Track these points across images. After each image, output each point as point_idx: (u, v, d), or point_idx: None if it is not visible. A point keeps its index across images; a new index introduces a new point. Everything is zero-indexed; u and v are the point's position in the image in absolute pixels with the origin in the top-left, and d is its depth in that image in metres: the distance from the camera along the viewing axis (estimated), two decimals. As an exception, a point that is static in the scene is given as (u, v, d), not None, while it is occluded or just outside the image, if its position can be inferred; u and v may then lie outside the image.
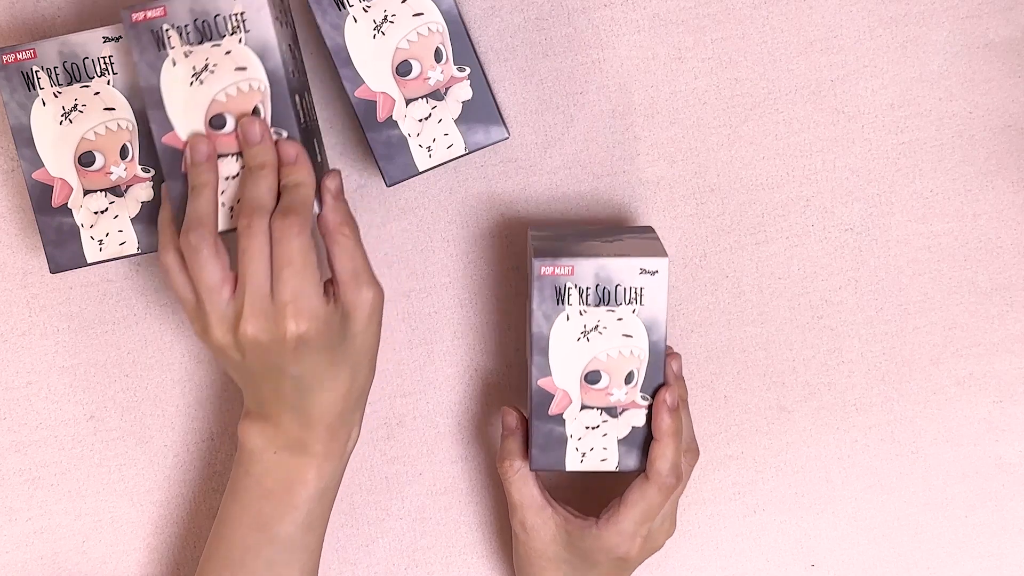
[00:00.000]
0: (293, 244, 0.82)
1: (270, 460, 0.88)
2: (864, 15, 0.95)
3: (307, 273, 0.82)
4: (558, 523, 0.91)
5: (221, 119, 0.84)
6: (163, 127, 0.84)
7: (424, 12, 0.87)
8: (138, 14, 0.83)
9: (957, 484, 1.00)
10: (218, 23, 0.83)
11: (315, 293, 0.83)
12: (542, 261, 0.86)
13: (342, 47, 0.87)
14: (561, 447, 0.89)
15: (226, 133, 0.84)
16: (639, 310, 0.87)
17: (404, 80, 0.88)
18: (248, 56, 0.84)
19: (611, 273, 0.86)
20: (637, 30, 0.94)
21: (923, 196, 0.97)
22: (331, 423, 0.87)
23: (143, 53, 0.84)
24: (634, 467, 0.89)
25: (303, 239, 0.82)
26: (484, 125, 0.89)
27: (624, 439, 0.89)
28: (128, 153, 0.88)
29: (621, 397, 0.88)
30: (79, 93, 0.88)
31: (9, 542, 0.99)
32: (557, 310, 0.87)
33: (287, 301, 0.82)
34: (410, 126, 0.88)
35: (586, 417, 0.89)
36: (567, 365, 0.88)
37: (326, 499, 0.90)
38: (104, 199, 0.89)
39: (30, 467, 0.98)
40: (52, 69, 0.87)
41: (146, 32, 0.83)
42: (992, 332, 0.99)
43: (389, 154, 0.89)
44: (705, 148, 0.96)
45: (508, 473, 0.91)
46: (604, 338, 0.87)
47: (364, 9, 0.87)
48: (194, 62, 0.84)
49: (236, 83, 0.84)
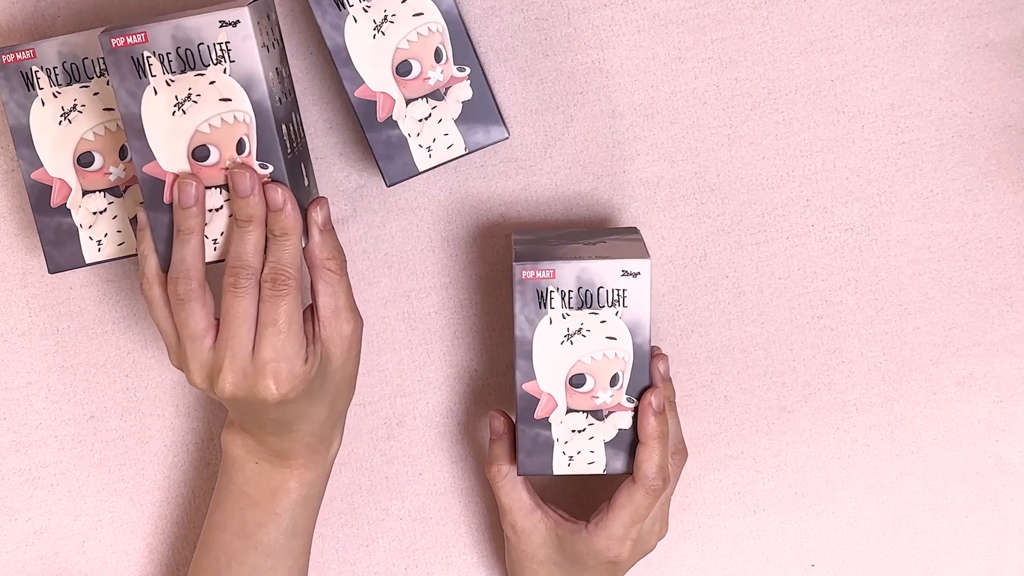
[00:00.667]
0: (279, 306, 0.82)
1: (252, 469, 0.89)
2: (864, 15, 0.95)
3: (291, 334, 0.83)
4: (548, 526, 0.91)
5: (204, 150, 0.82)
6: (144, 157, 0.83)
7: (424, 12, 0.87)
8: (117, 39, 0.81)
9: (957, 484, 1.00)
10: (201, 52, 0.81)
11: (297, 354, 0.83)
12: (523, 265, 0.86)
13: (342, 47, 0.87)
14: (548, 451, 0.89)
15: (209, 165, 0.83)
16: (622, 312, 0.87)
17: (404, 80, 0.88)
18: (233, 87, 0.82)
19: (593, 276, 0.86)
20: (637, 30, 0.94)
21: (923, 196, 0.97)
22: (311, 441, 0.88)
23: (123, 80, 0.81)
24: (621, 469, 0.89)
25: (289, 300, 0.82)
26: (484, 125, 0.89)
27: (611, 442, 0.89)
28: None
29: (607, 400, 0.88)
30: (78, 93, 0.87)
31: (9, 542, 0.99)
32: (540, 314, 0.87)
33: (267, 361, 0.82)
34: (410, 126, 0.88)
35: (572, 420, 0.88)
36: (551, 369, 0.88)
37: (310, 505, 0.91)
38: (103, 199, 0.89)
39: (30, 467, 0.98)
40: (52, 69, 0.87)
41: (126, 59, 0.81)
42: (992, 332, 0.99)
43: (389, 154, 0.89)
44: (705, 148, 0.96)
45: (496, 478, 0.91)
46: (588, 341, 0.87)
47: (364, 9, 0.86)
48: (176, 91, 0.82)
49: (220, 114, 0.82)
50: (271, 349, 0.82)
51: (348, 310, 0.86)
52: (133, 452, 0.99)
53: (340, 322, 0.85)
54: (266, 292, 0.82)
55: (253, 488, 0.89)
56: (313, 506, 0.91)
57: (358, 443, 0.98)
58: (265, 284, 0.82)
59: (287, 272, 0.82)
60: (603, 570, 0.91)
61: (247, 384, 0.83)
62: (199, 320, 0.83)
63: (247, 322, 0.82)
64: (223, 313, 0.83)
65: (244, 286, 0.82)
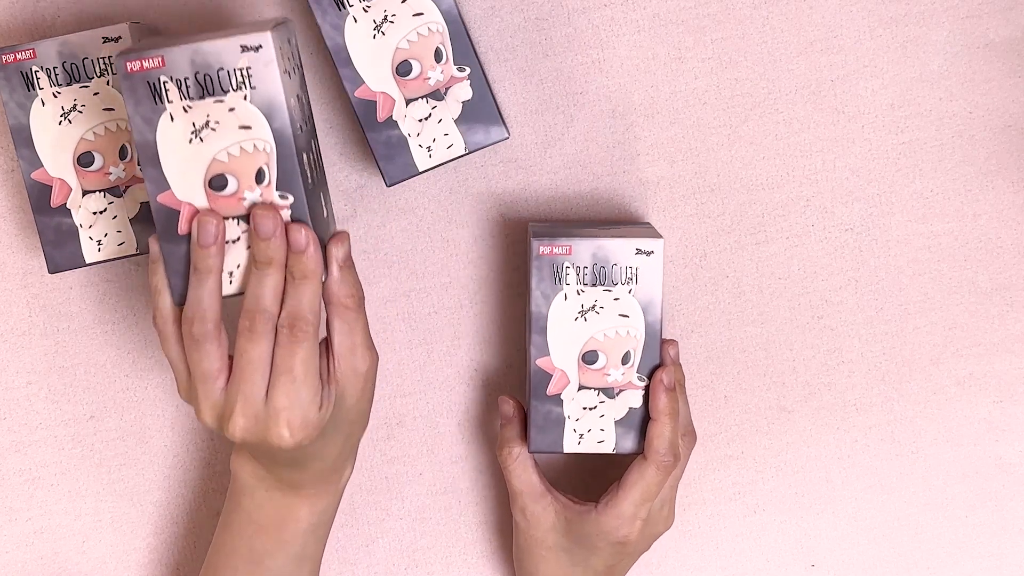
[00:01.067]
0: (296, 353, 0.79)
1: (262, 496, 0.88)
2: (864, 15, 0.95)
3: (307, 382, 0.80)
4: (558, 510, 0.92)
5: (222, 180, 0.79)
6: (158, 186, 0.79)
7: (424, 12, 0.87)
8: (133, 63, 0.77)
9: (957, 484, 1.00)
10: (221, 78, 0.77)
11: (312, 401, 0.81)
12: (540, 241, 0.88)
13: (342, 47, 0.87)
14: (559, 428, 0.90)
15: (227, 195, 0.79)
16: (635, 290, 0.88)
17: (404, 80, 0.88)
18: (253, 115, 0.78)
19: (608, 253, 0.88)
20: (637, 30, 0.94)
21: (923, 196, 0.97)
22: (324, 473, 0.87)
23: (138, 106, 0.78)
24: (631, 449, 0.90)
25: (307, 347, 0.79)
26: (484, 125, 0.89)
27: (621, 420, 0.90)
28: (127, 154, 0.88)
29: (618, 378, 0.89)
30: (78, 93, 0.87)
31: (9, 542, 0.99)
32: (555, 289, 0.88)
33: (281, 408, 0.80)
34: (410, 126, 0.88)
35: (584, 398, 0.90)
36: (565, 345, 0.89)
37: (320, 532, 0.90)
38: (103, 199, 0.89)
39: (30, 467, 0.98)
40: (52, 69, 0.87)
41: (142, 83, 0.77)
42: (992, 332, 0.99)
43: (389, 154, 0.89)
44: (705, 148, 0.96)
45: (507, 460, 0.92)
46: (601, 318, 0.89)
47: (364, 9, 0.86)
48: (194, 118, 0.78)
49: (239, 143, 0.78)
50: (285, 397, 0.80)
51: (364, 348, 0.83)
52: (133, 452, 0.99)
53: (356, 360, 0.83)
54: (283, 338, 0.79)
55: (263, 515, 0.88)
56: (323, 533, 0.90)
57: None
58: (282, 330, 0.79)
59: (306, 319, 0.79)
60: (611, 551, 0.91)
61: (259, 430, 0.81)
62: (213, 361, 0.80)
63: (261, 367, 0.80)
64: (237, 356, 0.80)
65: (260, 331, 0.79)
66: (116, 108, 0.88)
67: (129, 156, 0.88)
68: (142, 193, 0.89)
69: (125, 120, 0.88)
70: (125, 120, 0.88)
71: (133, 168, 0.88)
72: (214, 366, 0.80)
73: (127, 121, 0.86)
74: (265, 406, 0.80)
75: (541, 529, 0.92)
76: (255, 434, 0.81)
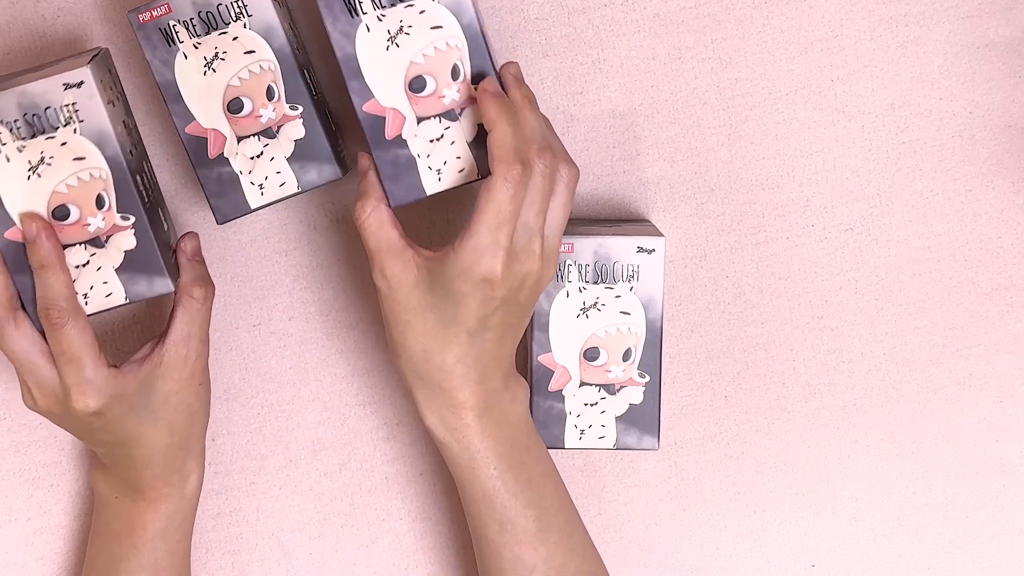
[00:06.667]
0: (60, 337, 0.85)
1: (114, 504, 0.92)
2: (864, 15, 0.95)
3: (87, 356, 0.85)
4: (419, 264, 0.84)
5: (64, 210, 0.85)
6: (4, 224, 0.84)
7: (443, 25, 0.83)
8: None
9: (957, 484, 1.00)
10: (49, 116, 0.83)
11: (96, 373, 0.85)
12: None
13: (352, 56, 0.83)
14: (560, 424, 0.91)
15: (71, 223, 0.85)
16: (636, 288, 0.90)
17: (417, 97, 0.84)
18: (86, 146, 0.84)
19: (609, 251, 0.89)
20: (637, 30, 0.94)
21: (923, 196, 0.97)
22: (157, 471, 0.90)
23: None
24: (633, 446, 0.91)
25: (69, 329, 0.85)
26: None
27: (622, 416, 0.91)
28: (274, 94, 0.87)
29: (619, 374, 0.91)
30: (218, 41, 0.86)
31: (9, 542, 0.99)
32: (557, 287, 0.90)
33: (71, 384, 0.85)
34: (420, 146, 0.85)
35: (585, 394, 0.91)
36: (567, 341, 0.90)
37: (170, 539, 0.92)
38: (258, 143, 0.88)
39: (30, 467, 0.98)
40: (188, 21, 0.86)
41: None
42: (992, 332, 0.99)
43: (396, 174, 0.85)
44: (705, 148, 0.96)
45: (361, 216, 0.85)
46: (603, 315, 0.90)
47: (379, 18, 0.83)
48: (29, 156, 0.83)
49: (76, 173, 0.84)
50: (69, 376, 0.85)
51: (199, 341, 0.89)
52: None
53: (188, 349, 0.88)
54: (45, 326, 0.85)
55: (115, 522, 0.92)
56: (174, 540, 0.92)
57: (358, 443, 0.98)
58: (43, 320, 0.85)
59: (58, 305, 0.84)
60: (479, 297, 0.83)
61: (58, 404, 0.86)
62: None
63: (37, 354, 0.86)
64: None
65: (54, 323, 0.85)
66: (257, 50, 0.86)
67: (276, 95, 0.87)
68: (296, 131, 0.88)
69: (268, 60, 0.86)
70: (268, 60, 0.86)
71: (282, 107, 0.87)
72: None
73: (270, 60, 0.87)
74: (59, 385, 0.86)
75: (404, 289, 0.84)
76: (57, 405, 0.87)
